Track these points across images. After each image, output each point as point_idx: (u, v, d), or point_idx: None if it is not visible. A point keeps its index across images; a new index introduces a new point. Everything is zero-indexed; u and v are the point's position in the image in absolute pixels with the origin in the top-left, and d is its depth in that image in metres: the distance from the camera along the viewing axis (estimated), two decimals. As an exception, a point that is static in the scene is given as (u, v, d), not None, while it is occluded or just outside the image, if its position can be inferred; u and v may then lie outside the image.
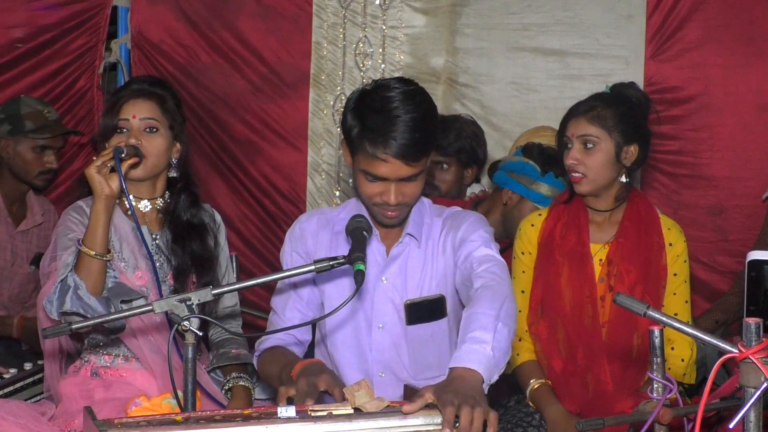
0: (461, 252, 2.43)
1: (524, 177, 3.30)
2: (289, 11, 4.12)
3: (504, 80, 3.94)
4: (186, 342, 1.97)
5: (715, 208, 3.71)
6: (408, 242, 2.51)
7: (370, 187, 2.36)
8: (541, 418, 2.74)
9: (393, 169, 2.30)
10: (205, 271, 2.74)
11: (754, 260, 1.95)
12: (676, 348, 2.76)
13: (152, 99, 2.69)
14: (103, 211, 2.50)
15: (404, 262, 2.51)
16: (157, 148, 2.67)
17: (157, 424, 1.75)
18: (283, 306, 2.56)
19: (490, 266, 2.33)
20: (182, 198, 2.78)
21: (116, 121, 2.66)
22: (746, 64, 3.67)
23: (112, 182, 2.50)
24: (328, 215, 2.58)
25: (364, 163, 2.33)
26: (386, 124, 2.28)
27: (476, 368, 1.95)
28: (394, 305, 2.50)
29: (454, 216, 2.54)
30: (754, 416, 1.62)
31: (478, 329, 2.03)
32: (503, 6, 3.92)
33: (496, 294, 2.18)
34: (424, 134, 2.31)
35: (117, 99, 2.70)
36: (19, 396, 3.01)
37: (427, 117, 2.35)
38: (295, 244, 2.58)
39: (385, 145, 2.27)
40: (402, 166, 2.30)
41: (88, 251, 2.49)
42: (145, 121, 2.66)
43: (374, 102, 2.33)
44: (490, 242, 2.43)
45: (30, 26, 3.99)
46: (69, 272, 2.49)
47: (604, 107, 2.73)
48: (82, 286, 2.47)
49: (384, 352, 2.52)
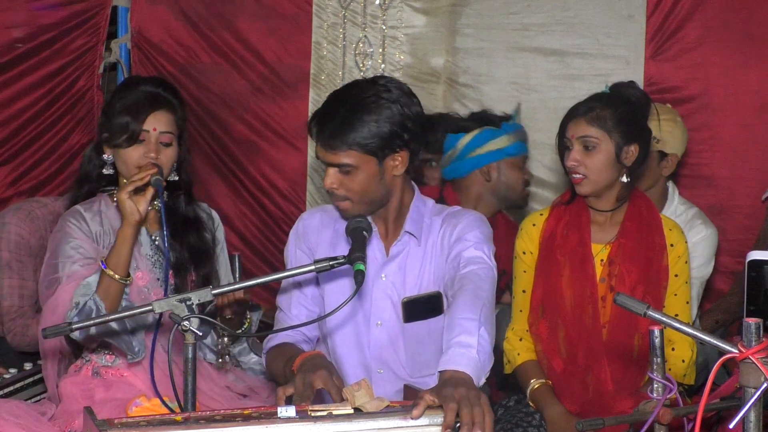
0: (453, 250, 2.45)
1: (487, 143, 3.37)
2: (289, 11, 4.12)
3: (504, 80, 3.94)
4: (186, 342, 1.97)
5: (715, 208, 3.71)
6: (407, 240, 2.52)
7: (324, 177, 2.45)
8: (541, 418, 2.74)
9: (321, 152, 2.41)
10: (202, 264, 2.77)
11: (754, 260, 1.95)
12: (676, 349, 2.76)
13: (170, 110, 2.73)
14: (131, 235, 2.56)
15: (404, 261, 2.52)
16: (170, 160, 2.71)
17: (157, 424, 1.75)
18: (288, 303, 2.57)
19: (475, 268, 2.35)
20: (178, 197, 2.81)
21: (140, 130, 2.67)
22: (746, 64, 3.67)
23: (140, 206, 2.54)
24: (331, 212, 2.59)
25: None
26: (323, 109, 2.43)
27: (465, 371, 1.99)
28: (392, 303, 2.51)
29: (454, 214, 2.54)
30: (754, 416, 1.62)
31: (462, 334, 2.07)
32: (503, 6, 3.92)
33: (477, 298, 2.21)
34: (350, 127, 2.35)
35: (138, 104, 2.69)
36: (19, 396, 3.01)
37: (367, 111, 2.36)
38: (298, 242, 2.59)
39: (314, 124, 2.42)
40: (324, 151, 2.39)
41: (113, 275, 2.53)
42: (164, 135, 2.69)
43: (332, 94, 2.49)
44: (484, 244, 2.44)
45: (30, 26, 3.99)
46: (91, 295, 2.52)
47: (603, 108, 2.72)
48: (102, 307, 2.50)
49: (382, 349, 2.52)
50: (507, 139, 3.40)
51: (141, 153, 2.65)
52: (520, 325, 2.87)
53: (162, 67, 4.22)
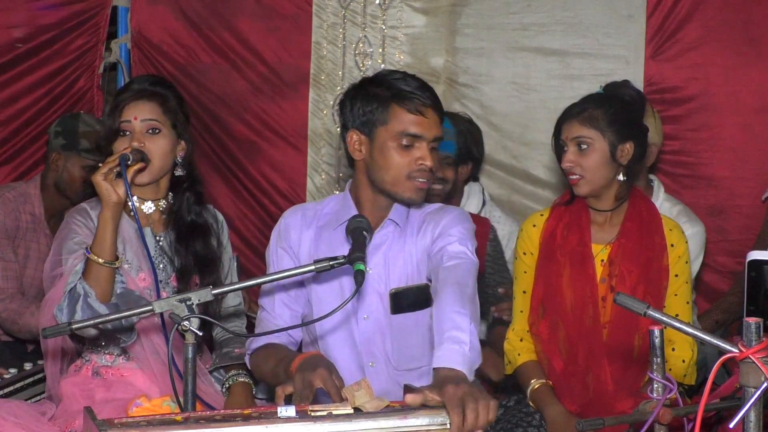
0: (437, 244, 2.45)
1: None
2: (289, 11, 4.13)
3: (504, 80, 3.94)
4: (186, 342, 1.96)
5: (715, 208, 3.72)
6: (392, 230, 2.52)
7: (402, 156, 2.42)
8: (541, 418, 2.74)
9: (430, 124, 2.42)
10: (208, 273, 2.74)
11: (754, 260, 1.95)
12: (676, 349, 2.76)
13: (153, 99, 2.68)
14: (111, 218, 2.50)
15: (387, 252, 2.52)
16: (161, 149, 2.65)
17: (157, 424, 1.75)
18: (272, 304, 2.56)
19: (459, 263, 2.35)
20: (186, 197, 2.77)
21: (118, 124, 2.65)
22: (746, 64, 3.67)
23: (118, 189, 2.49)
24: (312, 210, 2.60)
25: (399, 126, 2.41)
26: (414, 84, 2.44)
27: (460, 368, 1.99)
28: (378, 295, 2.52)
29: (437, 210, 2.55)
30: (754, 416, 1.62)
31: (454, 329, 2.07)
32: (503, 6, 3.92)
33: (464, 293, 2.21)
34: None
35: (118, 101, 2.69)
36: (19, 396, 3.01)
37: None
38: (280, 240, 2.59)
39: (423, 96, 2.41)
40: (437, 121, 2.43)
41: (97, 259, 2.48)
42: (147, 123, 2.64)
43: (384, 78, 2.47)
44: (467, 240, 2.44)
45: (30, 26, 3.99)
46: (78, 280, 2.48)
47: (595, 108, 2.74)
48: (91, 294, 2.46)
49: (370, 343, 2.53)
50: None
51: (127, 143, 2.62)
52: (520, 325, 2.87)
53: (162, 67, 4.22)
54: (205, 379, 2.72)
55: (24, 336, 3.51)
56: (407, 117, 2.40)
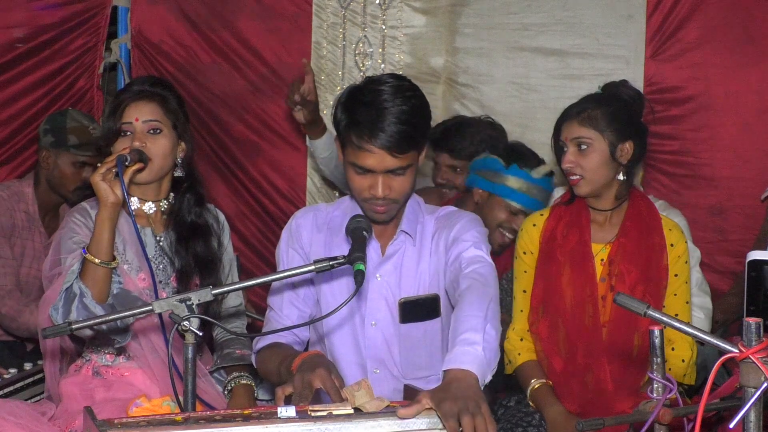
0: (452, 251, 2.44)
1: (489, 172, 3.28)
2: (289, 11, 4.13)
3: (504, 80, 3.95)
4: (186, 342, 1.96)
5: (715, 208, 3.72)
6: (404, 240, 2.52)
7: (358, 181, 2.37)
8: (541, 418, 2.74)
9: (378, 160, 2.32)
10: (208, 274, 2.73)
11: (754, 260, 1.95)
12: (676, 349, 2.76)
13: (154, 100, 2.68)
14: (108, 218, 2.49)
15: (399, 260, 2.51)
16: (162, 149, 2.65)
17: (157, 424, 1.75)
18: (280, 304, 2.56)
19: (477, 267, 2.34)
20: (187, 198, 2.77)
21: (119, 125, 2.65)
22: (746, 64, 3.67)
23: (116, 189, 2.47)
24: (324, 212, 2.59)
25: (352, 155, 2.35)
26: (374, 116, 2.31)
27: (470, 369, 1.95)
28: (387, 303, 2.51)
29: (448, 215, 2.54)
30: (754, 416, 1.62)
31: (467, 331, 2.04)
32: (503, 6, 3.92)
33: (483, 296, 2.19)
34: (411, 127, 2.33)
35: (119, 102, 2.68)
36: (19, 396, 3.01)
37: (416, 111, 2.36)
38: (291, 241, 2.57)
39: (371, 135, 2.30)
40: (387, 157, 2.32)
41: (93, 259, 2.47)
42: (148, 123, 2.64)
43: (364, 96, 2.36)
44: (482, 243, 2.44)
45: (30, 26, 3.99)
46: (74, 280, 2.48)
47: (594, 108, 2.74)
48: (87, 293, 2.45)
49: (377, 349, 2.52)
50: (507, 179, 3.27)
51: (128, 143, 2.62)
52: (520, 325, 2.87)
53: (162, 67, 4.22)
54: (206, 379, 2.72)
55: (23, 334, 3.51)
56: (357, 151, 2.33)
